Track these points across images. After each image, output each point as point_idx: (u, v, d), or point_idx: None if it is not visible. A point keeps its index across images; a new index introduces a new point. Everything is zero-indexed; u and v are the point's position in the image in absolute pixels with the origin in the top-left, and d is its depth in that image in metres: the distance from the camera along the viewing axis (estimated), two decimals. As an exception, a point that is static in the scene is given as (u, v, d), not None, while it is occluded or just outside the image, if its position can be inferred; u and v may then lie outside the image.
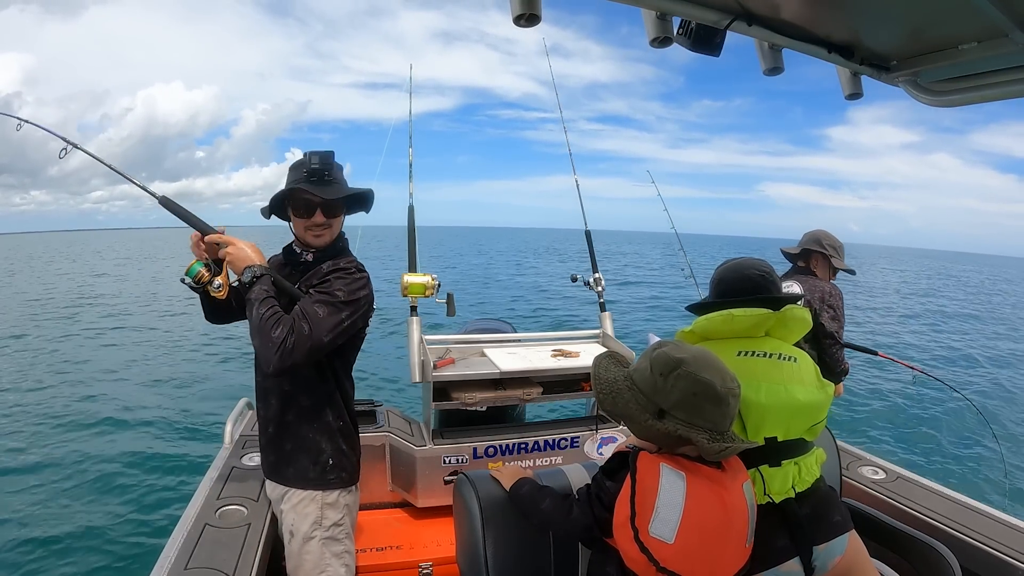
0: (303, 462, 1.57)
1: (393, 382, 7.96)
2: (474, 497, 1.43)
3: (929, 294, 27.25)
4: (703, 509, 1.12)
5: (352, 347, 1.63)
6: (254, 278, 1.49)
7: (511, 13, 1.19)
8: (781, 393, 1.33)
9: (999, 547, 1.71)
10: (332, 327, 1.43)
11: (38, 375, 8.69)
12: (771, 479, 1.31)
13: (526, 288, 20.67)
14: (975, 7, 1.05)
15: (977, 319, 18.32)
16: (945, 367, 10.51)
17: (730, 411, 1.14)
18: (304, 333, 1.39)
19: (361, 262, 1.63)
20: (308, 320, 1.41)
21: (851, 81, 1.53)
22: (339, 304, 1.46)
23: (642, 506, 1.12)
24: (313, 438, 1.57)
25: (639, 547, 1.10)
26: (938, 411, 7.63)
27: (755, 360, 1.37)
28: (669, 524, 1.10)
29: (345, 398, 1.63)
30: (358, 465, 1.68)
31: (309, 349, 1.40)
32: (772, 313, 1.40)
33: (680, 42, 1.34)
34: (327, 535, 1.57)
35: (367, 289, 1.54)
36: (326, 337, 1.42)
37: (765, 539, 1.24)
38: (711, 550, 1.12)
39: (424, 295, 2.48)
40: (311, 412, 1.57)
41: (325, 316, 1.43)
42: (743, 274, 1.50)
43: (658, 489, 1.12)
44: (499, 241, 70.46)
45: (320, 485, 1.57)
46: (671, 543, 1.09)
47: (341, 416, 1.62)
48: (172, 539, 1.58)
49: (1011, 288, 36.26)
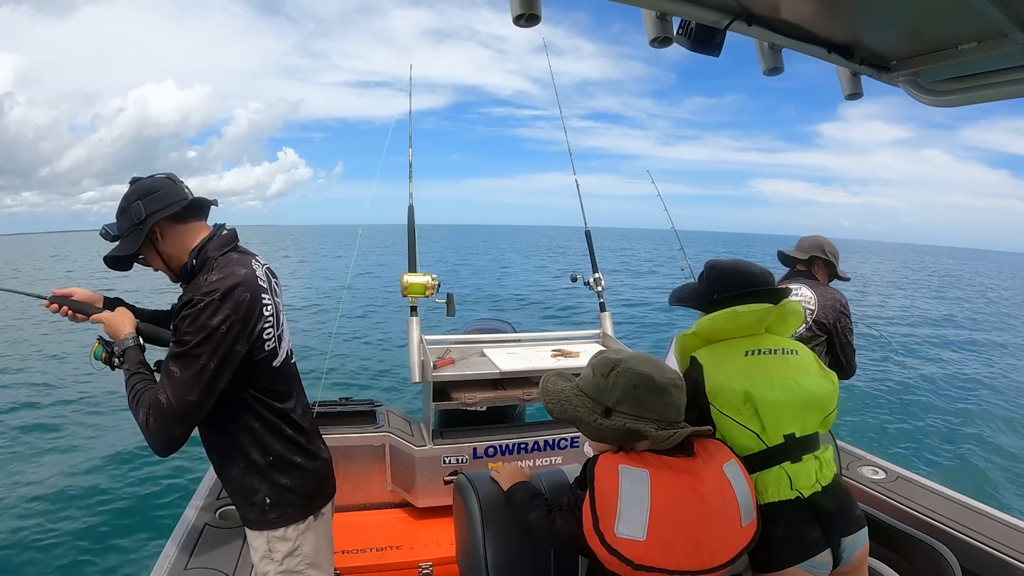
0: (242, 505, 1.42)
1: (393, 382, 7.95)
2: (474, 497, 1.43)
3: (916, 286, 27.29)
4: (674, 500, 1.13)
5: (257, 371, 1.35)
6: (120, 356, 1.36)
7: (511, 13, 1.19)
8: (793, 387, 1.34)
9: (999, 547, 1.71)
10: (194, 381, 1.23)
11: (37, 374, 8.69)
12: (796, 475, 1.31)
13: (526, 287, 20.66)
14: (975, 7, 1.05)
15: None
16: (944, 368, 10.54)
17: (674, 400, 1.19)
18: (162, 406, 1.22)
19: (223, 269, 1.33)
20: (165, 389, 1.23)
21: (851, 81, 1.53)
22: (191, 349, 1.23)
23: (603, 510, 1.13)
24: (242, 479, 1.39)
25: (608, 550, 1.11)
26: (939, 412, 7.65)
27: (763, 358, 1.38)
28: (637, 522, 1.11)
29: (273, 428, 1.39)
30: (319, 488, 1.48)
31: (177, 419, 1.23)
32: (774, 307, 1.41)
33: (680, 42, 1.34)
34: (281, 569, 1.41)
35: (223, 311, 1.26)
36: (191, 396, 1.23)
37: (799, 532, 1.27)
38: (694, 537, 1.12)
39: (424, 295, 2.48)
40: (232, 452, 1.39)
41: (180, 373, 1.23)
42: (744, 269, 1.51)
43: (619, 490, 1.13)
44: (497, 240, 70.42)
45: (263, 526, 1.40)
46: (643, 540, 1.10)
47: (269, 451, 1.38)
48: (172, 539, 1.59)
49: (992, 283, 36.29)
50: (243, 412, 1.36)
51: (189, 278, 1.36)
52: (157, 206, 1.34)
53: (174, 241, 1.38)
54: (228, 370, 1.28)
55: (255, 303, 1.33)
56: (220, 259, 1.36)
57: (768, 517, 1.26)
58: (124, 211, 1.36)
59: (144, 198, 1.34)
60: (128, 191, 1.37)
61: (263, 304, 1.36)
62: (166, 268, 1.41)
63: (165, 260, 1.39)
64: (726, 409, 1.32)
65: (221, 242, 1.40)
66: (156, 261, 1.40)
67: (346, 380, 7.96)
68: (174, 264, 1.40)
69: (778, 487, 1.29)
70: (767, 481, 1.30)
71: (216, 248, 1.38)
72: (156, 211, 1.33)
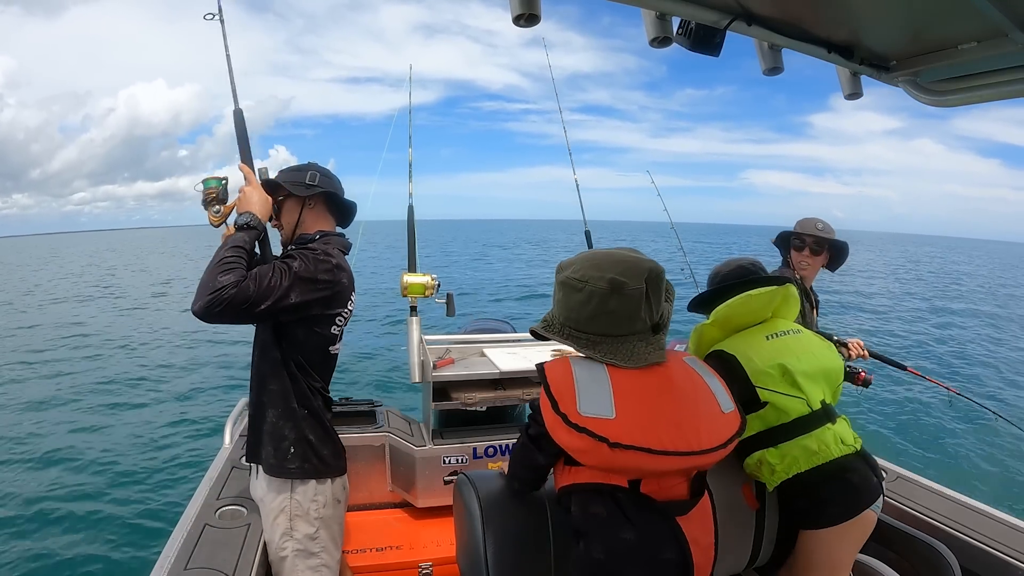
0: (268, 447, 1.55)
1: (393, 382, 7.95)
2: (474, 497, 1.43)
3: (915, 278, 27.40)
4: (638, 382, 1.06)
5: (316, 344, 1.55)
6: (245, 225, 1.47)
7: (511, 13, 1.19)
8: (816, 360, 1.52)
9: (999, 547, 1.71)
10: (277, 297, 1.38)
11: (37, 374, 8.69)
12: (841, 433, 1.47)
13: (525, 281, 20.67)
14: (975, 7, 1.05)
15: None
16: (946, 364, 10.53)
17: (610, 308, 1.07)
18: (248, 292, 1.34)
19: (340, 255, 1.57)
20: (256, 282, 1.36)
21: (851, 81, 1.53)
22: (291, 276, 1.41)
23: (560, 393, 1.04)
24: (276, 423, 1.53)
25: (576, 430, 1.00)
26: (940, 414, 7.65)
27: (783, 338, 1.54)
28: (602, 400, 1.02)
29: (314, 393, 1.57)
30: (335, 459, 1.61)
31: (242, 309, 1.34)
32: (780, 288, 1.56)
33: (680, 42, 1.34)
34: (299, 547, 1.53)
35: (329, 274, 1.48)
36: (264, 304, 1.37)
37: (865, 479, 1.45)
38: (670, 417, 1.04)
39: (424, 295, 2.48)
40: (277, 397, 1.53)
41: (274, 284, 1.38)
42: (735, 264, 1.71)
43: (572, 375, 1.06)
44: (489, 234, 70.28)
45: (278, 472, 1.53)
46: (613, 417, 1.00)
47: (307, 405, 1.55)
48: (172, 539, 1.59)
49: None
50: (295, 369, 1.53)
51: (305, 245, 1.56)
52: (329, 185, 1.63)
53: (315, 216, 1.64)
54: (297, 312, 1.45)
55: (346, 293, 1.57)
56: (336, 251, 1.57)
57: (840, 470, 1.43)
58: (300, 170, 1.63)
59: (322, 174, 1.63)
60: (311, 163, 1.67)
61: (350, 299, 1.60)
62: (291, 229, 1.62)
63: (298, 223, 1.62)
64: (771, 385, 1.46)
65: (343, 242, 1.65)
66: (290, 217, 1.62)
67: (346, 380, 7.96)
68: (300, 231, 1.62)
69: (837, 444, 1.44)
70: (827, 440, 1.44)
71: (339, 243, 1.63)
72: (326, 188, 1.62)
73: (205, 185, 1.55)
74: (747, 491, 1.63)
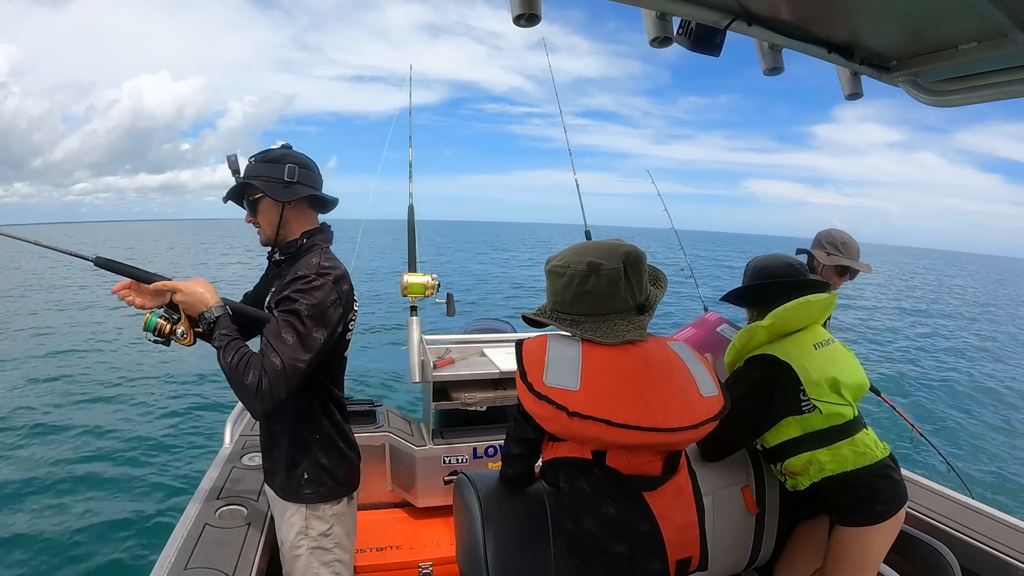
0: (282, 474, 1.52)
1: (393, 382, 7.95)
2: (474, 497, 1.43)
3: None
4: (611, 360, 1.11)
5: (335, 355, 1.50)
6: (211, 323, 1.36)
7: (511, 13, 1.19)
8: (856, 375, 1.59)
9: (999, 547, 1.71)
10: (305, 348, 1.32)
11: (35, 374, 8.68)
12: (874, 438, 1.57)
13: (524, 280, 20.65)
14: (975, 7, 1.05)
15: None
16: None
17: (589, 289, 1.14)
18: (277, 368, 1.28)
19: (331, 259, 1.46)
20: (277, 352, 1.29)
21: (851, 81, 1.53)
22: (304, 319, 1.33)
23: (530, 364, 1.12)
24: (288, 452, 1.50)
25: (537, 397, 1.08)
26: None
27: (828, 349, 1.58)
28: (568, 373, 1.09)
29: (327, 411, 1.52)
30: (349, 476, 1.58)
31: (287, 382, 1.29)
32: (833, 295, 1.60)
33: (680, 42, 1.34)
34: (314, 544, 1.52)
35: (334, 293, 1.39)
36: (301, 364, 1.31)
37: (901, 480, 1.56)
38: (639, 394, 1.08)
39: (424, 295, 2.47)
40: (285, 426, 1.50)
41: (294, 342, 1.31)
42: (783, 260, 1.69)
43: (546, 349, 1.14)
44: (491, 236, 70.26)
45: (295, 498, 1.51)
46: (576, 390, 1.07)
47: (318, 430, 1.50)
48: (172, 539, 1.58)
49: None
50: (306, 391, 1.45)
51: (295, 257, 1.47)
52: (307, 180, 1.47)
53: (297, 215, 1.49)
54: (327, 345, 1.38)
55: (352, 295, 1.48)
56: (326, 250, 1.48)
57: (885, 470, 1.53)
58: (276, 161, 1.44)
59: (301, 167, 1.45)
60: (285, 151, 1.48)
61: (354, 299, 1.51)
62: (273, 231, 1.48)
63: (280, 226, 1.47)
64: (825, 396, 1.51)
65: (327, 237, 1.54)
66: (270, 219, 1.47)
67: (346, 380, 7.95)
68: (283, 233, 1.48)
69: (876, 447, 1.55)
70: (868, 443, 1.54)
71: (323, 240, 1.52)
72: (305, 184, 1.45)
73: (151, 327, 1.37)
74: (747, 493, 1.64)
